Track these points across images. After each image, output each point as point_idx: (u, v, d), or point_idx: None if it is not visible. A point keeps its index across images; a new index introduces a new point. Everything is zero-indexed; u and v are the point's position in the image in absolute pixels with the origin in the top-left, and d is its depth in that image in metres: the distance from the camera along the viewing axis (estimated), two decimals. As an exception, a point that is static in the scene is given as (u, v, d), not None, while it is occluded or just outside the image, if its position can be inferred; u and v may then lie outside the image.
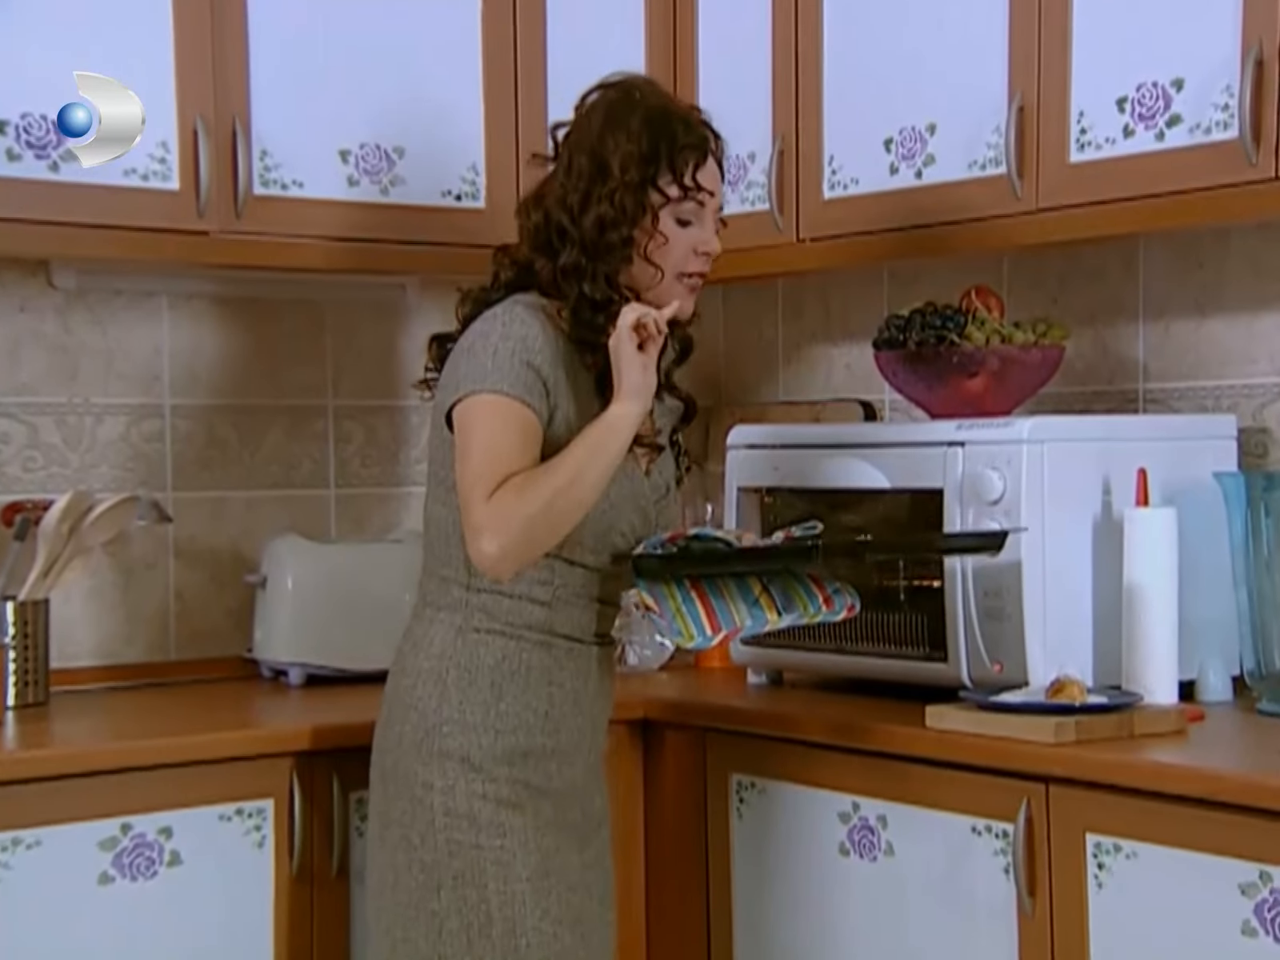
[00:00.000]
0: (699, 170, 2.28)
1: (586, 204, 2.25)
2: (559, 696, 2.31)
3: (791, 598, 2.31)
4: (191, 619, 3.16)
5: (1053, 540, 2.52)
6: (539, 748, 2.29)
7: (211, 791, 2.54)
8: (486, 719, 2.27)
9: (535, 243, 2.31)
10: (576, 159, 2.28)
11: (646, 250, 2.27)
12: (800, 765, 2.61)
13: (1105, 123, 2.60)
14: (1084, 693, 2.39)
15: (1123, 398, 2.96)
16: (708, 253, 2.31)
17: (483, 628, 2.28)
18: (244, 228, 2.83)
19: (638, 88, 2.33)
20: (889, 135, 2.88)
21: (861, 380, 3.33)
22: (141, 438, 3.13)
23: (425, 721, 2.27)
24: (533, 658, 2.29)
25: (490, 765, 2.26)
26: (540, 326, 2.24)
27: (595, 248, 2.26)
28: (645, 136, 2.26)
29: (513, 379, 2.19)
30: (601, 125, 2.28)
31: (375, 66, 2.96)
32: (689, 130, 2.29)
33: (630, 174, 2.25)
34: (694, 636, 2.25)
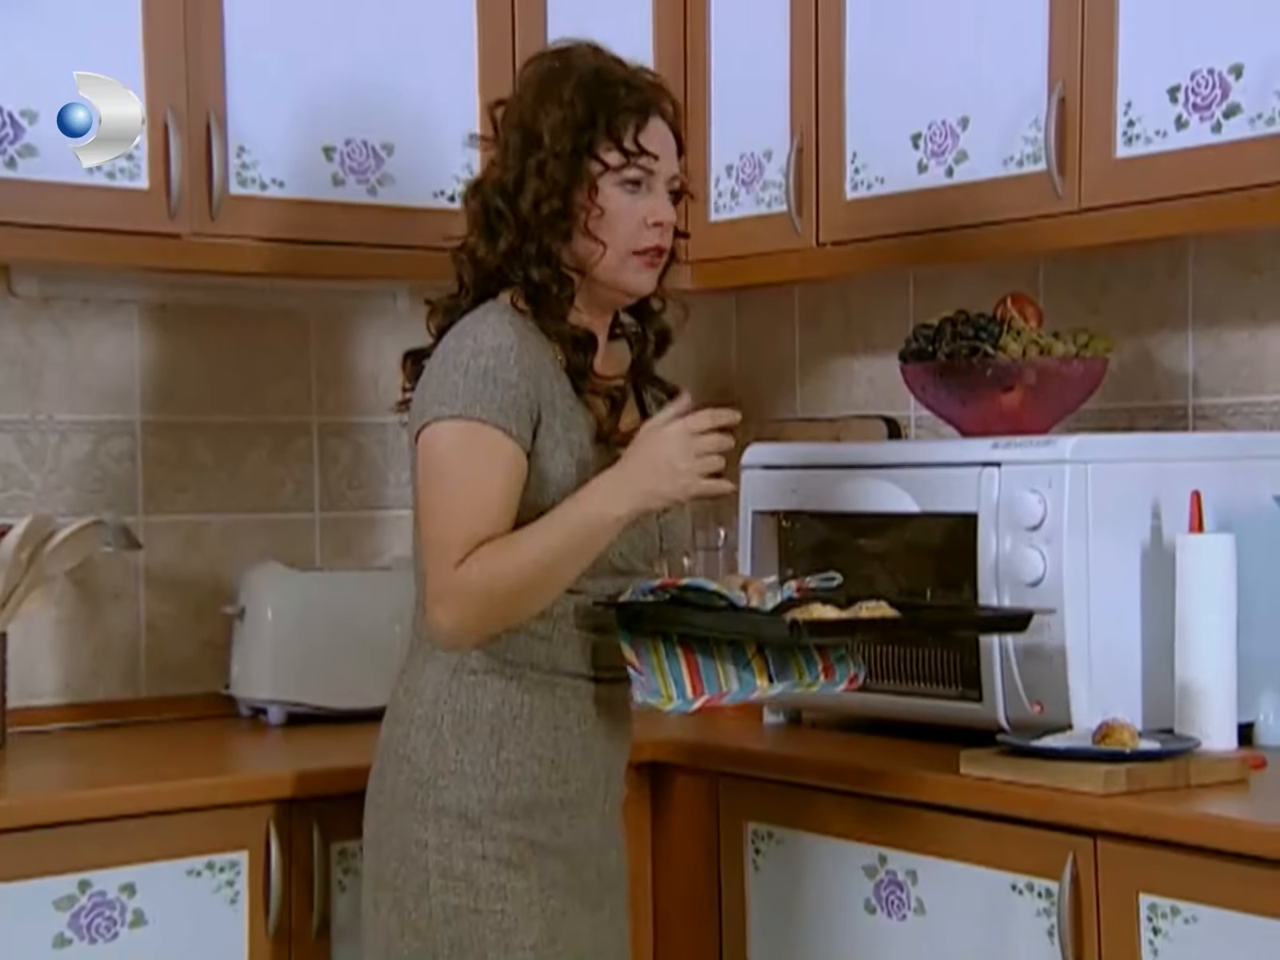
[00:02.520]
0: (641, 132, 2.23)
1: (522, 182, 2.22)
2: (566, 742, 2.25)
3: (788, 663, 2.27)
4: (163, 653, 3.13)
5: (1098, 570, 2.49)
6: (546, 800, 2.23)
7: (179, 844, 2.49)
8: (486, 769, 2.21)
9: (477, 230, 2.27)
10: (510, 136, 2.26)
11: (586, 224, 2.22)
12: (822, 814, 2.58)
13: (1155, 114, 2.57)
14: (1134, 738, 2.35)
15: (1170, 414, 2.94)
16: (660, 223, 2.25)
17: (479, 668, 2.23)
18: (219, 230, 2.81)
19: (576, 53, 2.29)
20: (917, 130, 2.86)
21: (885, 395, 3.32)
22: (110, 457, 3.10)
23: (419, 774, 2.21)
24: (535, 700, 2.23)
25: (491, 821, 2.20)
26: (515, 334, 2.20)
27: (535, 226, 2.22)
28: (579, 102, 2.22)
29: (486, 401, 2.14)
30: (534, 96, 2.25)
31: (362, 56, 2.94)
32: (631, 91, 2.25)
33: (561, 143, 2.21)
34: (673, 699, 2.21)
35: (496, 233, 2.24)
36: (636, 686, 2.20)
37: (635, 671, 2.19)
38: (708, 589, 2.23)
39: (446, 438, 2.15)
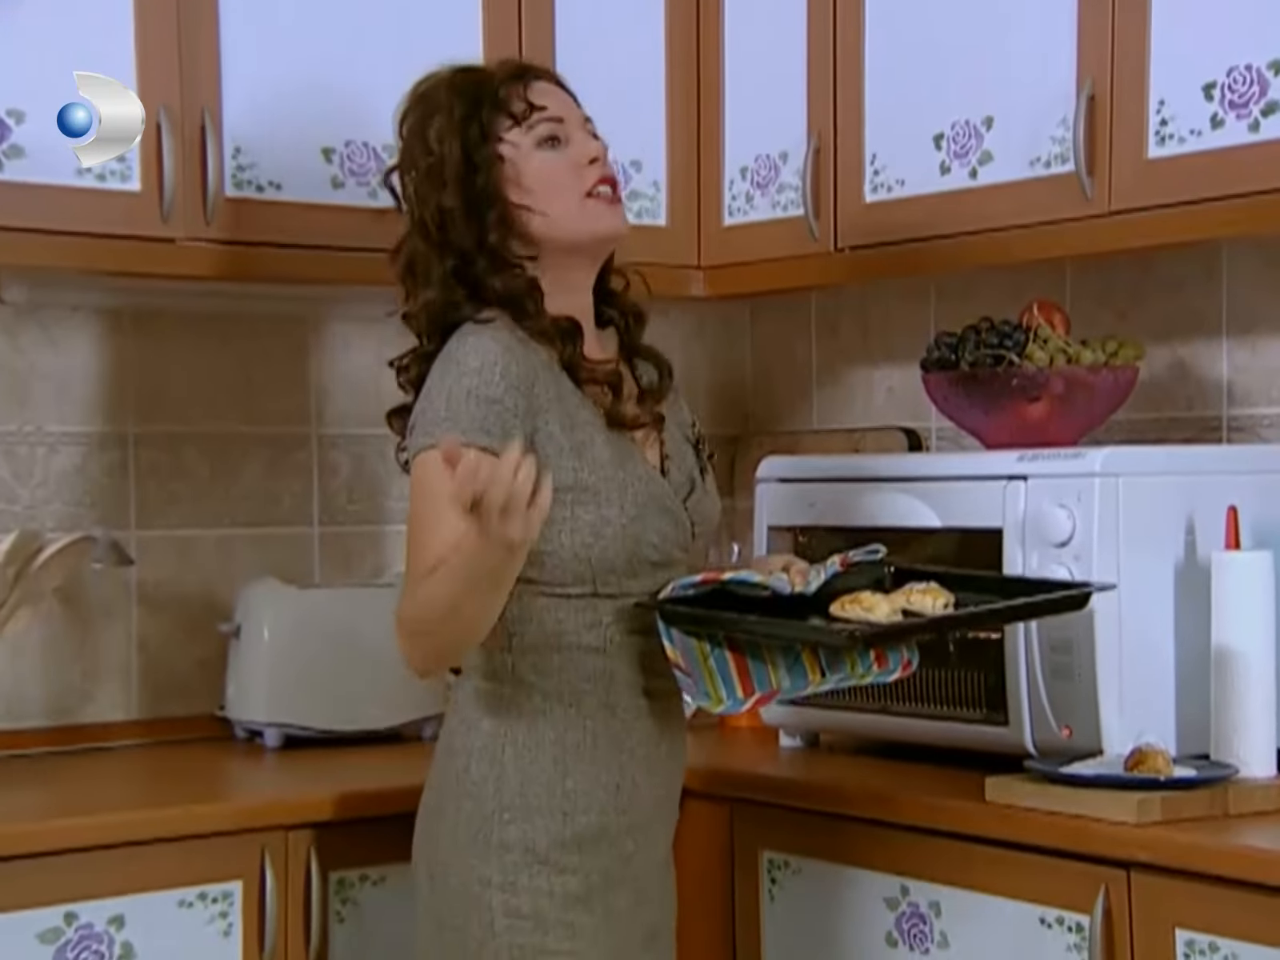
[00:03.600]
0: (529, 91, 2.25)
1: (439, 201, 2.22)
2: (631, 765, 2.24)
3: (840, 655, 2.22)
4: (156, 674, 3.12)
5: (1130, 588, 2.47)
6: (613, 827, 2.22)
7: (170, 873, 2.48)
8: (552, 800, 2.19)
9: (416, 280, 2.26)
10: (411, 176, 2.26)
11: (536, 190, 2.22)
12: (840, 842, 2.56)
13: (1190, 112, 2.55)
14: (1169, 764, 2.33)
15: (1203, 425, 2.92)
16: (595, 159, 2.25)
17: (537, 693, 2.21)
18: (214, 234, 2.79)
19: (434, 76, 2.30)
20: (939, 130, 2.85)
21: (906, 406, 3.32)
22: (100, 470, 3.09)
23: (482, 808, 2.19)
24: (597, 725, 2.22)
25: (559, 854, 2.19)
26: (500, 347, 2.17)
27: (468, 236, 2.21)
28: (457, 100, 2.24)
29: (466, 421, 2.12)
30: (413, 128, 2.26)
31: (362, 55, 2.91)
32: (502, 68, 2.29)
33: (452, 141, 2.21)
34: (723, 700, 2.18)
35: (429, 271, 2.24)
36: (685, 689, 2.18)
37: (682, 673, 2.16)
38: (751, 581, 2.21)
39: (430, 467, 2.10)
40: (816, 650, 2.22)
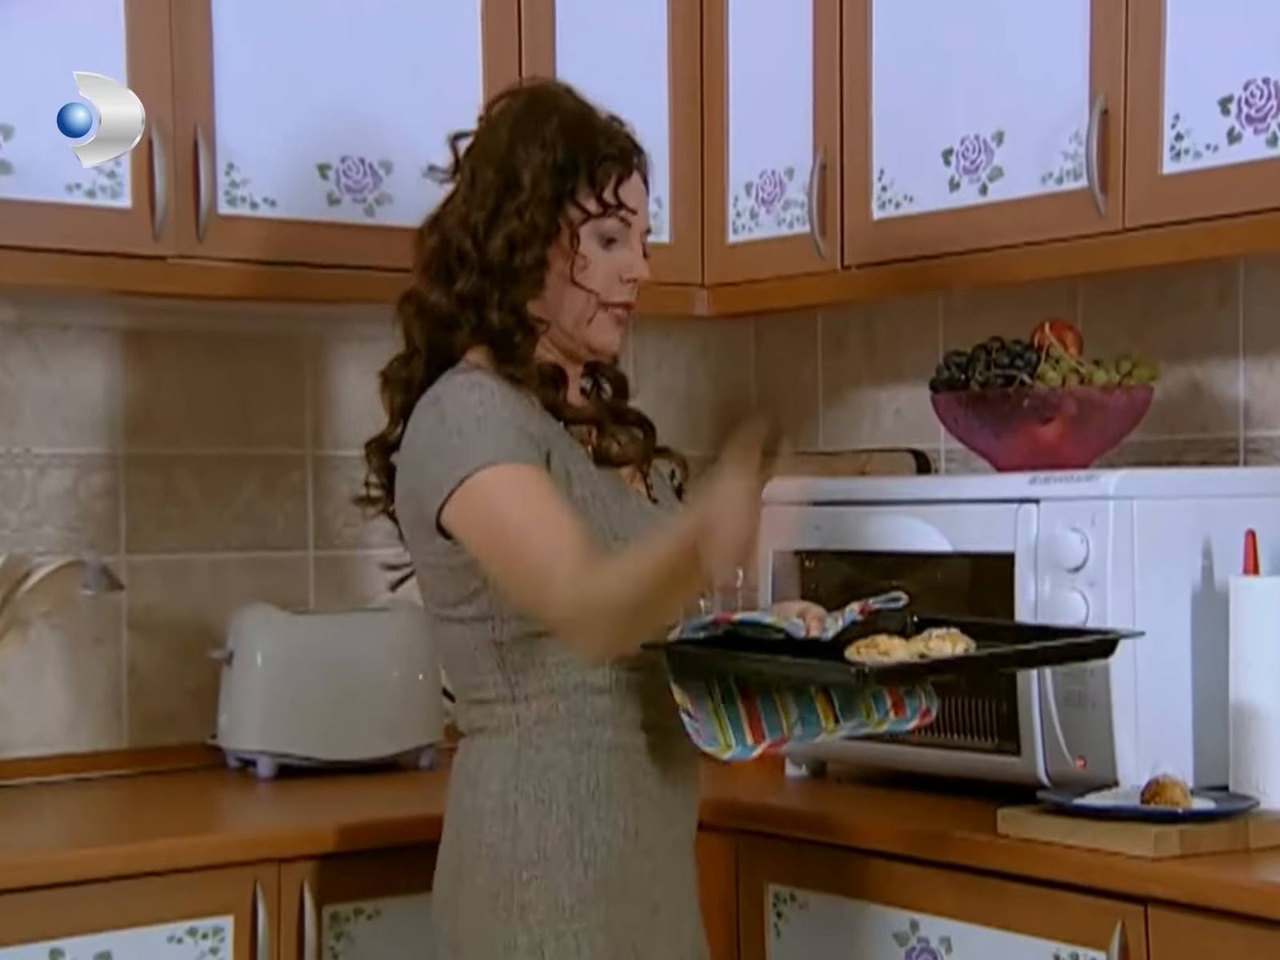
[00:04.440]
0: (622, 185, 2.25)
1: (494, 223, 2.22)
2: (646, 808, 2.22)
3: (854, 701, 2.22)
4: (146, 701, 3.11)
5: (1145, 614, 2.46)
6: (635, 875, 2.19)
7: (159, 908, 2.45)
8: (572, 850, 2.17)
9: (431, 271, 2.27)
10: (481, 172, 2.25)
11: (571, 273, 2.24)
12: (849, 875, 2.55)
13: (1206, 126, 2.54)
14: (1187, 796, 2.31)
15: (1220, 447, 2.91)
16: (634, 279, 2.28)
17: (545, 743, 2.19)
18: (207, 252, 2.79)
19: (551, 93, 2.31)
20: (948, 145, 2.85)
21: (914, 427, 3.31)
22: (90, 493, 3.09)
23: (499, 870, 2.16)
24: (610, 769, 2.20)
25: (584, 908, 2.16)
26: (491, 380, 2.19)
27: (503, 271, 2.22)
28: (561, 146, 2.23)
29: (498, 445, 2.12)
30: (510, 134, 2.24)
31: (360, 68, 2.92)
32: (611, 140, 2.27)
33: (543, 187, 2.21)
34: (731, 746, 2.17)
35: (454, 275, 2.24)
36: (692, 734, 2.16)
37: (689, 718, 2.15)
38: (764, 623, 2.19)
39: (488, 489, 2.10)
40: (830, 694, 2.21)
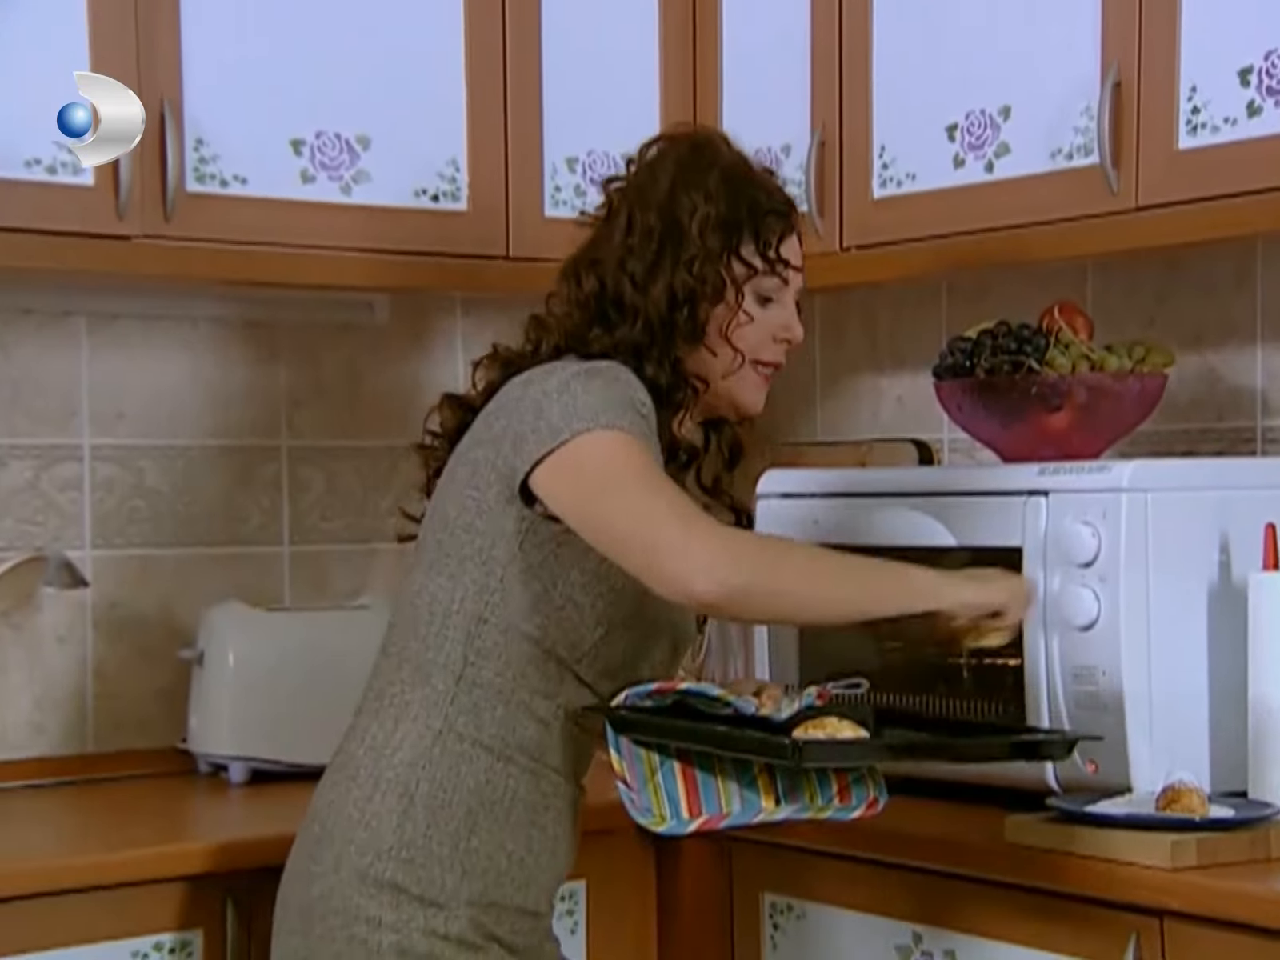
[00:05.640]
0: (784, 241, 2.29)
1: (655, 272, 2.23)
2: (539, 842, 2.22)
3: (798, 783, 2.23)
4: (112, 704, 3.12)
5: (1159, 611, 2.45)
6: (506, 901, 2.19)
7: (124, 922, 2.45)
8: (454, 854, 2.15)
9: (588, 313, 2.26)
10: (641, 217, 2.26)
11: (728, 330, 2.26)
12: (848, 885, 2.56)
13: (1224, 99, 2.54)
14: (1204, 803, 2.29)
15: (1236, 437, 2.91)
16: (789, 340, 2.31)
17: (467, 736, 2.18)
18: (174, 232, 2.79)
19: (711, 142, 2.34)
20: (953, 120, 2.85)
21: (915, 416, 3.31)
22: (53, 485, 3.09)
23: (378, 843, 2.14)
24: (520, 787, 2.20)
25: (451, 906, 2.15)
26: (640, 386, 2.20)
27: (661, 323, 2.23)
28: (725, 198, 2.26)
29: (634, 423, 2.12)
30: (673, 181, 2.27)
31: (334, 39, 2.92)
32: (771, 195, 2.31)
33: (710, 240, 2.24)
34: (666, 819, 2.16)
35: (613, 322, 2.24)
36: (627, 804, 2.16)
37: (626, 787, 2.15)
38: (711, 694, 2.19)
39: (603, 448, 2.09)
40: (773, 773, 2.21)
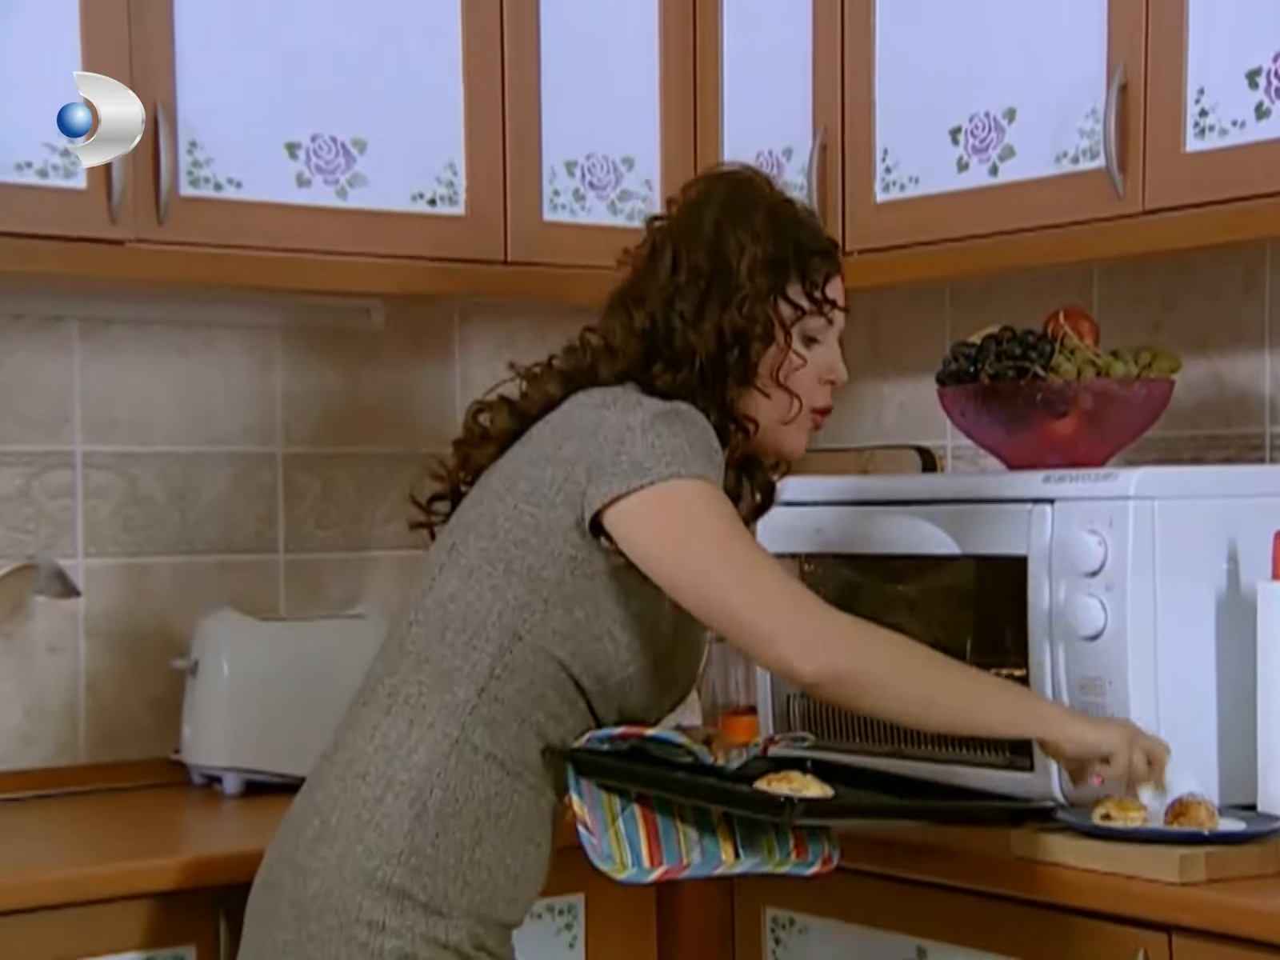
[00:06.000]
0: (829, 281, 2.30)
1: (704, 311, 2.24)
2: (533, 858, 2.21)
3: (757, 837, 2.24)
4: (106, 714, 3.11)
5: (1166, 621, 2.45)
6: (496, 916, 2.18)
7: (115, 937, 2.43)
8: (459, 865, 2.14)
9: (644, 347, 2.26)
10: (688, 256, 2.26)
11: (779, 373, 2.26)
12: (851, 899, 2.54)
13: (1232, 101, 2.53)
14: (1213, 816, 2.28)
15: (1245, 443, 2.91)
16: (833, 381, 2.32)
17: (482, 749, 2.17)
18: (168, 236, 2.78)
19: (754, 182, 2.33)
20: (956, 123, 2.85)
21: (918, 422, 3.32)
22: (45, 492, 3.08)
23: (388, 846, 2.12)
24: (523, 803, 2.19)
25: (453, 915, 2.14)
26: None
27: (713, 365, 2.24)
28: (772, 237, 2.26)
29: (717, 475, 2.15)
30: (718, 220, 2.27)
31: (331, 40, 2.92)
32: (814, 235, 2.32)
33: (758, 280, 2.24)
34: (627, 867, 2.17)
35: (671, 362, 2.24)
36: (588, 849, 2.16)
37: (586, 831, 2.16)
38: (674, 742, 2.21)
39: (695, 497, 2.13)
40: (732, 825, 2.22)
